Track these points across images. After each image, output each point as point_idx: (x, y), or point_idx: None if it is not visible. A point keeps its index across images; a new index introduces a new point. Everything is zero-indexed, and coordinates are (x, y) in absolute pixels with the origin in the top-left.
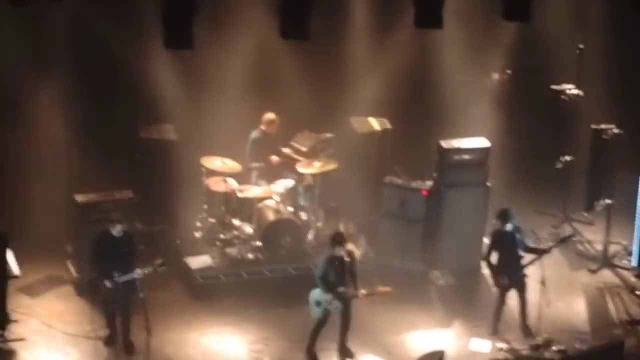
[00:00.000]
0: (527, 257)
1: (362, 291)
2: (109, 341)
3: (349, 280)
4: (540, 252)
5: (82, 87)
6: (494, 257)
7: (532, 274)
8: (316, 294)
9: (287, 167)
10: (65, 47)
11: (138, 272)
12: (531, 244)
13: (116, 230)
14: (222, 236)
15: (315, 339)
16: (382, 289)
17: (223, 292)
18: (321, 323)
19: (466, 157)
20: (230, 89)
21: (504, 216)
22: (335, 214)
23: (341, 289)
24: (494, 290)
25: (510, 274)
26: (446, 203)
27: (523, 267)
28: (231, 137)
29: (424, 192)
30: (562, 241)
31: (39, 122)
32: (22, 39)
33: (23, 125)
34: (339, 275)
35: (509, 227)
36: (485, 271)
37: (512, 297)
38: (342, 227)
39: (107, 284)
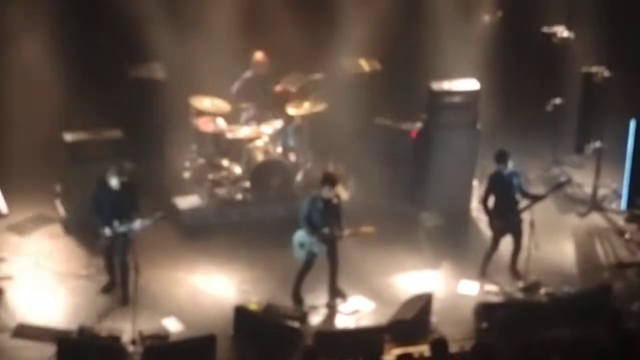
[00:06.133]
0: (523, 202)
1: (346, 232)
2: (107, 289)
3: (333, 222)
4: (537, 198)
5: (70, 25)
6: (491, 201)
7: (522, 216)
8: (300, 235)
9: (288, 99)
10: None
11: (138, 223)
12: (528, 188)
13: (113, 182)
14: (210, 176)
15: (300, 283)
16: (365, 229)
17: (211, 233)
18: (306, 266)
19: (456, 99)
20: (220, 29)
21: (501, 157)
22: (325, 155)
23: (324, 230)
24: (484, 232)
25: (507, 218)
26: (436, 145)
27: (520, 211)
28: (221, 77)
29: (413, 134)
30: (559, 187)
31: (25, 59)
32: None
33: (9, 63)
34: (324, 217)
35: (506, 169)
36: (475, 213)
37: (504, 240)
38: (331, 168)
39: (107, 232)
